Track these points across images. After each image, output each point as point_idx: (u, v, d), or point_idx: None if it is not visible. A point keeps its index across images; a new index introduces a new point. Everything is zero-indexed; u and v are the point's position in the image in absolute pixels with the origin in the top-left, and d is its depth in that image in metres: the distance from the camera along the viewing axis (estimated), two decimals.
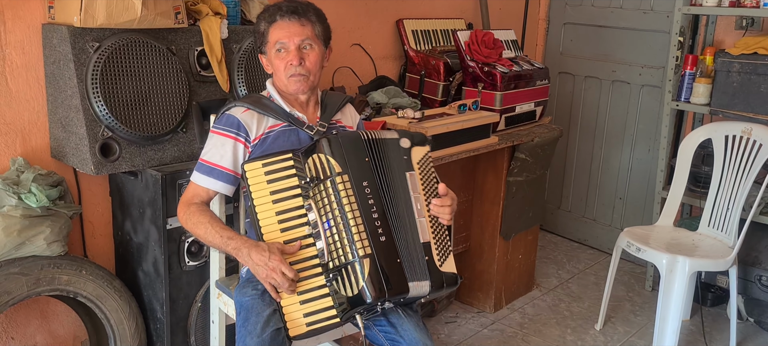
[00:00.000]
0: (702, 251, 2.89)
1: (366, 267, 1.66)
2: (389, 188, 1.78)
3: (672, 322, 2.75)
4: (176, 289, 2.30)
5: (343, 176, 1.72)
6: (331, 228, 1.70)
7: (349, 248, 1.68)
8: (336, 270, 1.69)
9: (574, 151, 4.23)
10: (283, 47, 1.87)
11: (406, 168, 1.82)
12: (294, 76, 1.89)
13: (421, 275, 1.74)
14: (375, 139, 1.82)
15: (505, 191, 3.11)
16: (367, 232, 1.69)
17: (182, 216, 1.85)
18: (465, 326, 3.16)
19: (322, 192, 1.72)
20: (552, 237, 4.36)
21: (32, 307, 2.40)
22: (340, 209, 1.70)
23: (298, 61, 1.87)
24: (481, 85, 3.07)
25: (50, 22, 2.20)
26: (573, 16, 4.17)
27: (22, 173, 2.15)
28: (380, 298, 1.66)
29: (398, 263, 1.71)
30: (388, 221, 1.73)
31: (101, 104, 2.09)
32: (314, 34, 1.89)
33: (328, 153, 1.74)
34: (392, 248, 1.71)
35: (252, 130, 1.88)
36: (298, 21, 1.87)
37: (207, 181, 1.86)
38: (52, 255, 2.14)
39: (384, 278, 1.67)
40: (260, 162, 1.77)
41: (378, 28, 3.33)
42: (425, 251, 1.77)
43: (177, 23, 2.25)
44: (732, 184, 2.96)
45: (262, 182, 1.75)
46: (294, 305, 1.70)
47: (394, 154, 1.83)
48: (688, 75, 3.30)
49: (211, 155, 1.87)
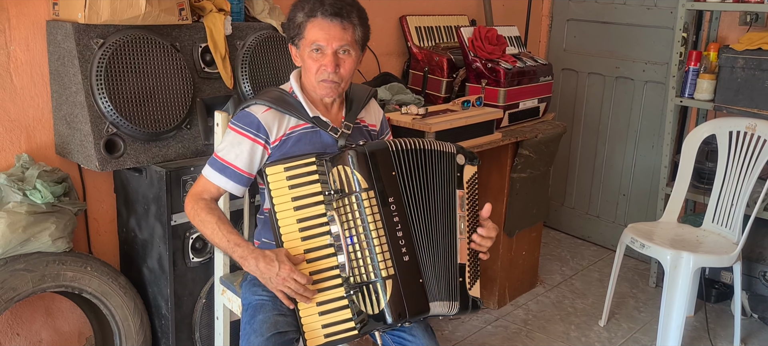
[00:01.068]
0: (706, 247, 2.89)
1: (388, 289, 1.64)
2: (419, 201, 1.73)
3: (676, 318, 2.75)
4: (181, 285, 2.30)
5: (369, 192, 1.66)
6: (354, 244, 1.66)
7: (371, 267, 1.65)
8: (357, 286, 1.66)
9: (578, 147, 4.23)
10: (320, 49, 1.77)
11: (457, 185, 1.79)
12: (325, 82, 1.79)
13: (452, 295, 1.73)
14: (419, 149, 1.75)
15: (508, 187, 3.11)
16: (391, 252, 1.65)
17: (189, 210, 1.80)
18: (469, 322, 3.16)
19: (346, 206, 1.67)
20: (556, 234, 4.36)
21: (37, 303, 2.40)
22: (364, 226, 1.65)
23: (333, 68, 1.76)
24: (484, 82, 3.07)
25: (54, 19, 2.20)
26: (576, 12, 4.16)
27: (26, 169, 2.15)
28: (400, 320, 1.65)
29: (420, 283, 1.68)
30: (412, 238, 1.69)
31: (105, 101, 2.09)
32: (354, 39, 1.79)
33: (353, 167, 1.67)
34: (415, 267, 1.68)
35: (272, 131, 1.80)
36: (340, 24, 1.75)
37: (218, 178, 1.80)
38: (57, 252, 2.14)
39: (405, 301, 1.65)
40: (282, 166, 1.70)
41: (381, 25, 3.33)
42: (460, 273, 1.75)
43: (181, 20, 2.25)
44: (736, 180, 2.96)
45: (284, 187, 1.69)
46: (313, 315, 1.68)
47: (447, 168, 1.78)
48: (691, 71, 3.29)
49: (226, 153, 1.80)
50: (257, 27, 2.51)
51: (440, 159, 1.78)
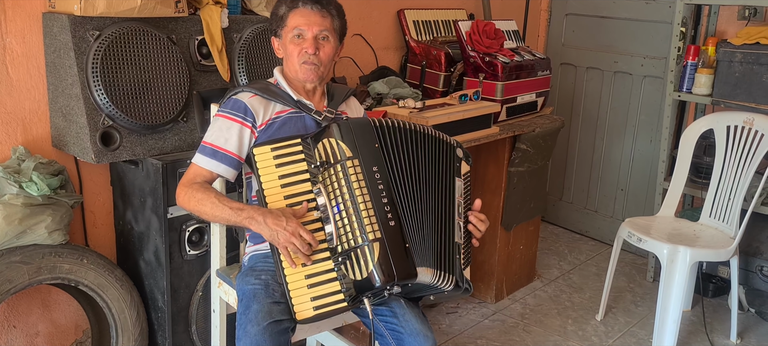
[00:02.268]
0: (703, 241, 2.89)
1: (375, 251, 1.66)
2: (406, 175, 1.78)
3: (673, 312, 2.75)
4: (177, 278, 2.30)
5: (354, 160, 1.72)
6: (340, 212, 1.70)
7: (358, 232, 1.68)
8: (345, 254, 1.69)
9: (576, 142, 4.23)
10: (301, 34, 1.89)
11: (456, 174, 1.90)
12: (307, 64, 1.90)
13: (443, 267, 1.78)
14: (402, 127, 1.83)
15: (506, 181, 3.11)
16: (377, 216, 1.69)
17: (183, 197, 1.81)
18: (466, 316, 3.16)
19: (331, 176, 1.72)
20: (553, 228, 4.36)
21: (34, 296, 2.41)
22: (350, 193, 1.70)
23: (314, 50, 1.88)
24: (482, 76, 3.06)
25: (50, 11, 2.20)
26: (575, 6, 4.16)
27: (23, 161, 2.15)
28: (389, 282, 1.67)
29: (407, 247, 1.71)
30: (396, 206, 1.73)
31: (102, 93, 2.09)
32: (332, 27, 1.92)
33: (338, 137, 1.74)
34: (401, 233, 1.72)
35: (259, 115, 1.88)
36: (319, 11, 1.89)
37: (210, 163, 1.84)
38: (54, 244, 2.14)
39: (393, 263, 1.67)
40: (269, 146, 1.76)
41: (379, 19, 3.32)
42: (457, 250, 1.83)
43: (177, 12, 2.25)
44: (733, 174, 2.96)
45: (271, 166, 1.75)
46: (301, 288, 1.70)
47: (443, 153, 1.88)
48: (690, 65, 3.29)
49: (215, 138, 1.86)
50: (254, 20, 2.51)
51: (432, 143, 1.87)
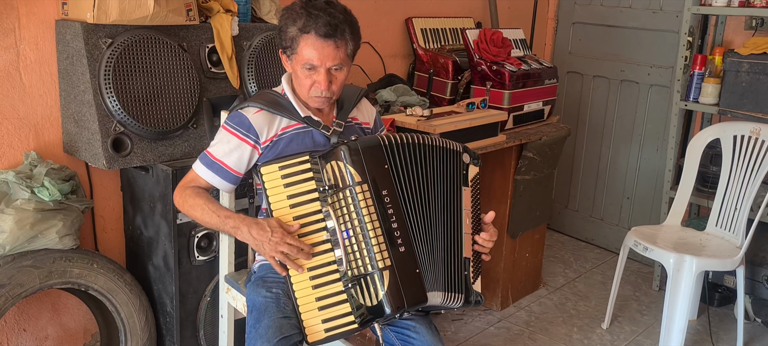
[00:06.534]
0: (709, 250, 2.89)
1: (386, 279, 1.65)
2: (416, 194, 1.75)
3: (679, 321, 2.75)
4: (186, 283, 2.32)
5: (363, 185, 1.68)
6: (350, 238, 1.68)
7: (368, 259, 1.67)
8: (355, 279, 1.68)
9: (582, 150, 4.24)
10: (313, 68, 1.79)
11: (463, 183, 1.84)
12: (318, 98, 1.84)
13: (453, 287, 1.76)
14: (412, 143, 1.77)
15: (512, 189, 3.12)
16: (387, 243, 1.67)
17: (178, 199, 1.84)
18: (472, 323, 3.17)
19: (340, 200, 1.69)
20: (559, 236, 4.36)
21: (44, 300, 2.43)
22: (359, 219, 1.67)
23: (326, 86, 1.80)
24: (489, 84, 3.08)
25: (64, 19, 2.22)
26: (582, 15, 4.17)
27: (35, 167, 2.17)
28: (399, 310, 1.67)
29: (417, 273, 1.70)
30: (407, 230, 1.72)
31: (113, 100, 2.11)
32: (346, 55, 1.80)
33: (347, 161, 1.69)
34: (411, 258, 1.71)
35: (263, 132, 1.84)
36: (334, 43, 1.75)
37: (206, 173, 1.85)
38: (64, 248, 2.16)
39: (403, 291, 1.66)
40: (277, 165, 1.72)
41: (387, 27, 3.34)
42: (465, 266, 1.80)
43: (188, 20, 2.27)
44: (740, 184, 2.96)
45: (279, 186, 1.72)
46: (312, 310, 1.69)
47: (450, 164, 1.82)
48: (697, 75, 3.30)
49: (216, 149, 1.85)
50: (264, 28, 2.53)
51: (440, 154, 1.81)
